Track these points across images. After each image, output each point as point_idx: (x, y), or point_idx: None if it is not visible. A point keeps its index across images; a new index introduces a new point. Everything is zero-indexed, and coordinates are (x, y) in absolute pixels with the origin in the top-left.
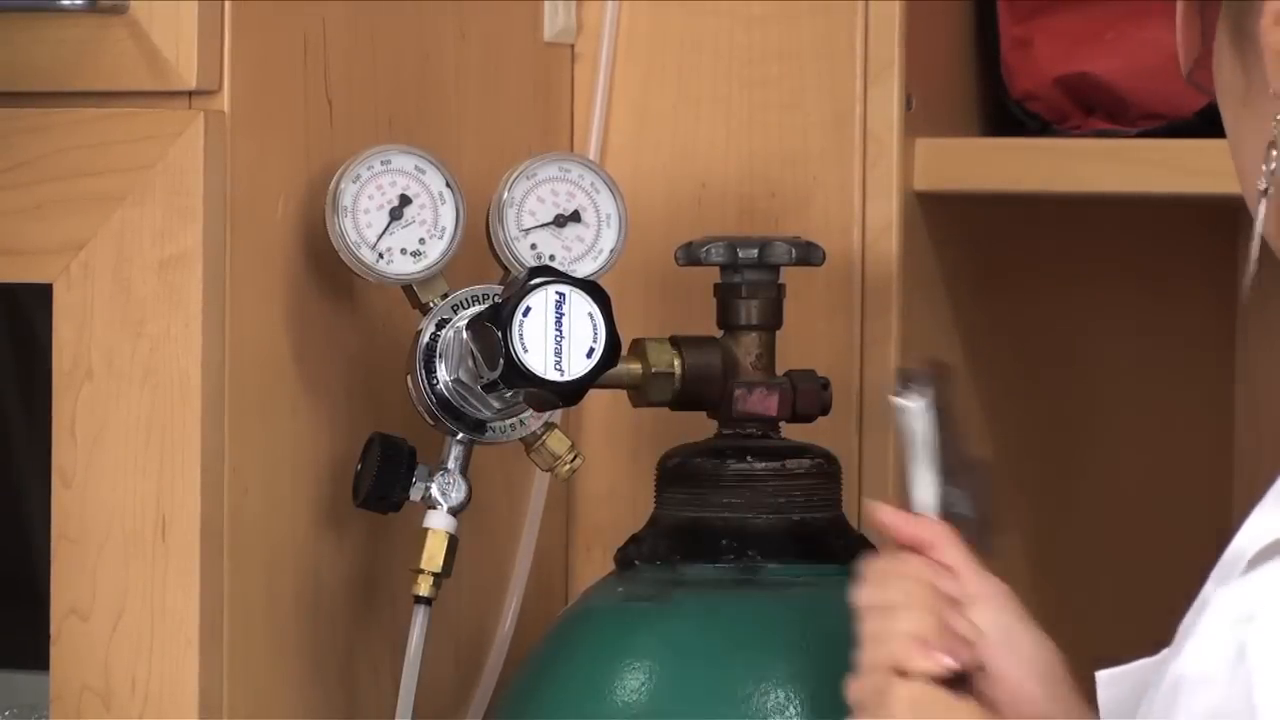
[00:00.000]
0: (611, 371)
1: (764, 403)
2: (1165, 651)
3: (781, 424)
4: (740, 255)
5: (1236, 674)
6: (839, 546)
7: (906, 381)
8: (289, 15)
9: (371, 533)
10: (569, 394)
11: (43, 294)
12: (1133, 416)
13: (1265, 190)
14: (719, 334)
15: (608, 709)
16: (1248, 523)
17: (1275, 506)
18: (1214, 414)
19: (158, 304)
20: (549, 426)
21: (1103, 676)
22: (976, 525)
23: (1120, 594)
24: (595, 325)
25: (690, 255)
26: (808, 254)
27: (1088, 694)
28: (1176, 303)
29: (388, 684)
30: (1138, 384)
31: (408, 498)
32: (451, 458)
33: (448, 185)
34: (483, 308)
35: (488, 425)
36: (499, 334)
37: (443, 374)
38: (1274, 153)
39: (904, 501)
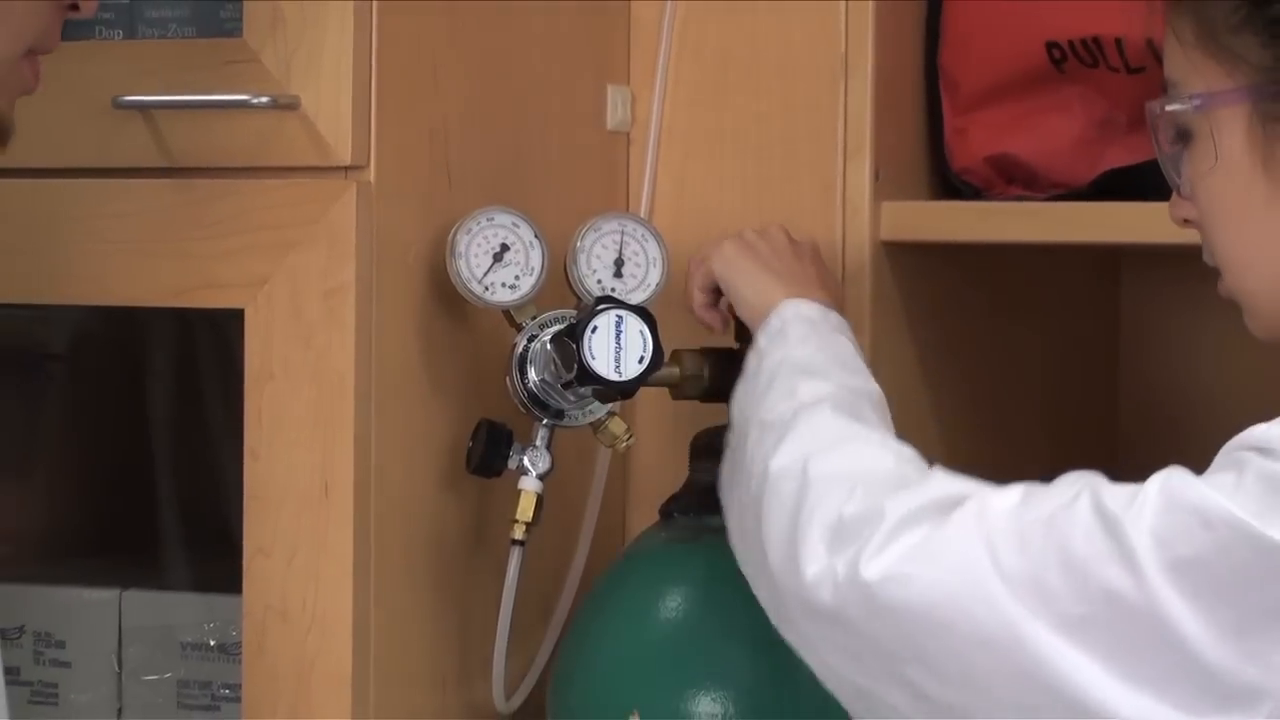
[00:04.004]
0: (657, 374)
1: None
2: None
3: None
4: None
5: None
6: None
7: None
8: (420, 111)
9: (480, 493)
10: (626, 391)
11: (236, 317)
12: (1042, 407)
13: None
14: (736, 346)
15: (652, 624)
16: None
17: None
18: (1102, 410)
19: (322, 324)
20: (611, 414)
21: None
22: None
23: None
24: (645, 340)
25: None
26: None
27: None
28: (1074, 323)
29: (491, 606)
30: (1045, 385)
31: (507, 466)
32: (539, 437)
33: (536, 236)
34: (562, 326)
35: (566, 413)
36: (574, 346)
37: (532, 375)
38: None
39: None
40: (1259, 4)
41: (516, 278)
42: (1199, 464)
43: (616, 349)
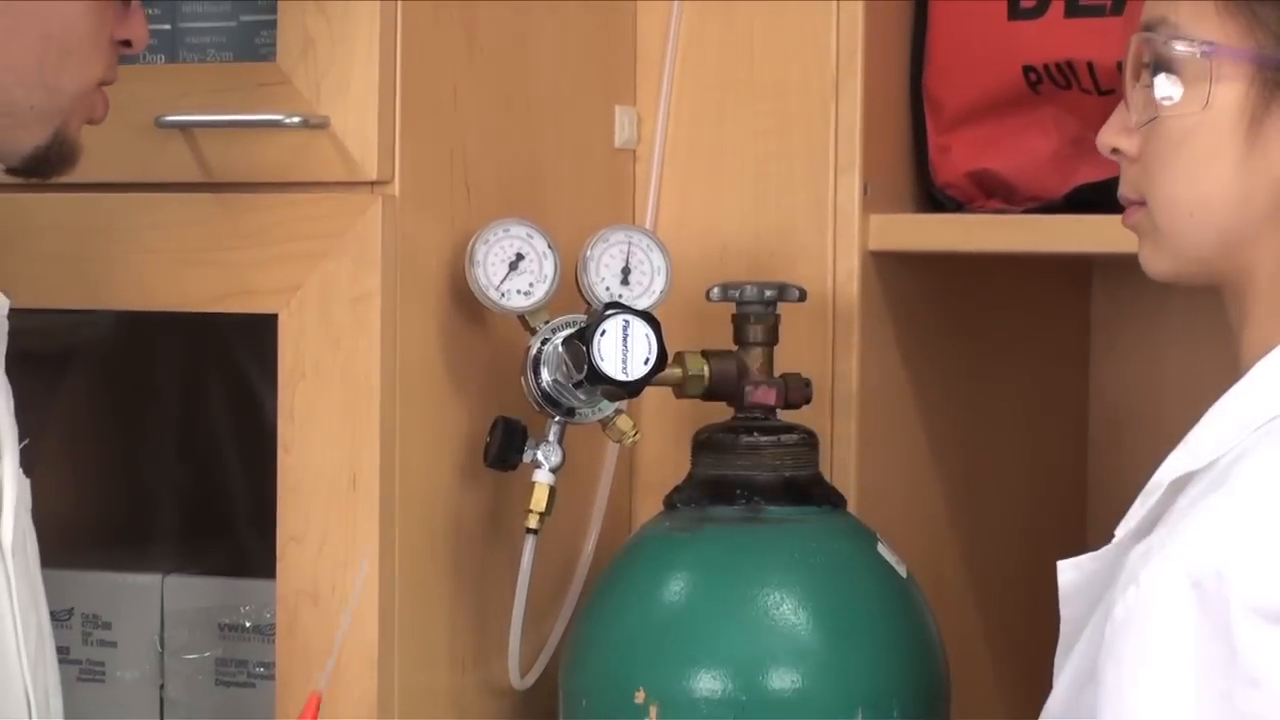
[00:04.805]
0: (661, 374)
1: (766, 395)
2: (1106, 548)
3: (778, 410)
4: (751, 294)
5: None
6: (816, 494)
7: None
8: (441, 130)
9: (497, 485)
10: (632, 390)
11: (270, 321)
12: (1018, 407)
13: None
14: (735, 348)
15: (657, 606)
16: (1168, 459)
17: (1185, 448)
18: (1073, 409)
19: (350, 327)
20: (618, 412)
21: (1062, 565)
22: None
23: (1009, 527)
24: (650, 343)
25: (719, 294)
26: (796, 294)
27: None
28: (1047, 327)
29: (507, 590)
30: (1021, 385)
31: (521, 460)
32: (551, 433)
33: (549, 246)
34: (573, 330)
35: (576, 411)
36: (584, 348)
37: (545, 376)
38: None
39: None
40: None
41: (531, 285)
42: (1163, 460)
43: (624, 351)
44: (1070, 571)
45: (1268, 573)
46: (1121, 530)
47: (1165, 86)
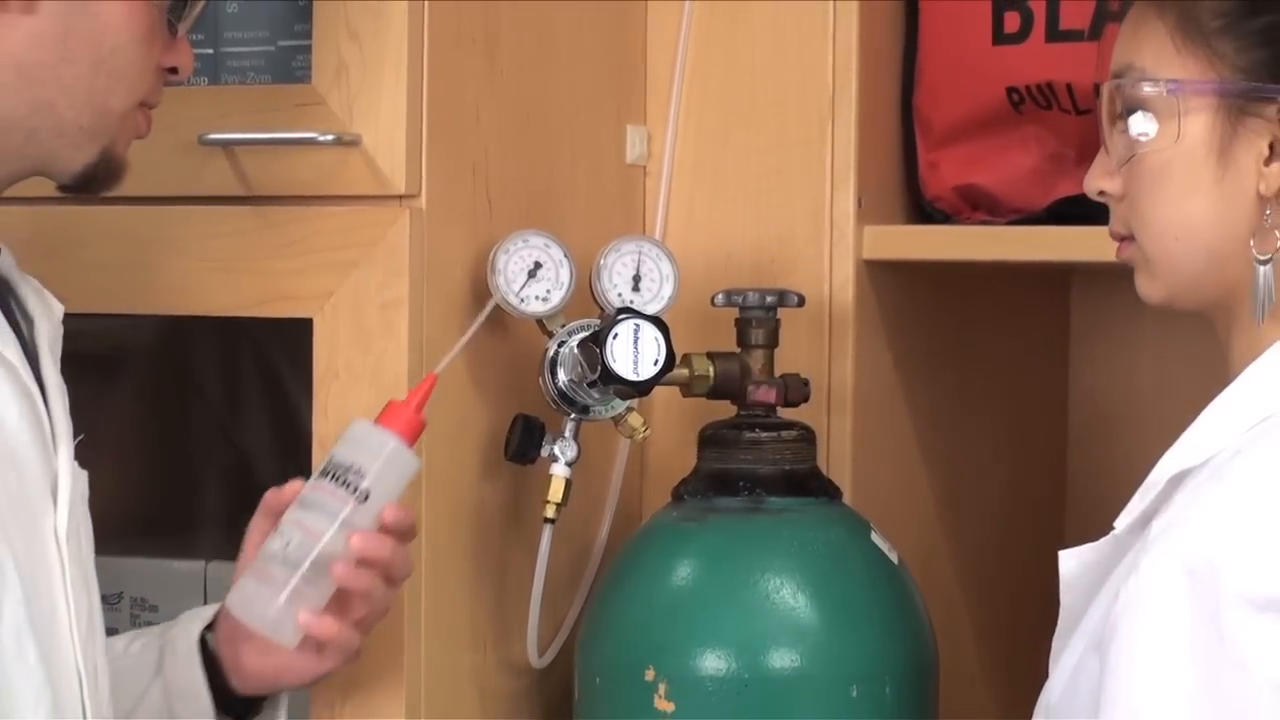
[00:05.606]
0: (669, 374)
1: (767, 394)
2: (1104, 540)
3: (778, 408)
4: (753, 300)
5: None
6: (814, 486)
7: None
8: (464, 147)
9: (516, 478)
10: (642, 389)
11: (305, 325)
12: (1002, 406)
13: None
14: (738, 350)
15: (666, 591)
16: (1165, 456)
17: (1180, 447)
18: (1054, 409)
19: (380, 331)
20: (630, 409)
21: (1064, 554)
22: None
23: (994, 517)
24: (659, 345)
25: (723, 300)
26: (795, 299)
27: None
28: (1029, 331)
29: (526, 575)
30: (1004, 386)
31: (539, 455)
32: (568, 429)
33: (565, 255)
34: (587, 333)
35: (591, 408)
36: (598, 350)
37: (562, 376)
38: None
39: None
40: (1242, 16)
41: (548, 291)
42: (1138, 456)
43: (634, 353)
44: (1071, 561)
45: (1258, 563)
46: (1121, 523)
47: (1139, 125)
